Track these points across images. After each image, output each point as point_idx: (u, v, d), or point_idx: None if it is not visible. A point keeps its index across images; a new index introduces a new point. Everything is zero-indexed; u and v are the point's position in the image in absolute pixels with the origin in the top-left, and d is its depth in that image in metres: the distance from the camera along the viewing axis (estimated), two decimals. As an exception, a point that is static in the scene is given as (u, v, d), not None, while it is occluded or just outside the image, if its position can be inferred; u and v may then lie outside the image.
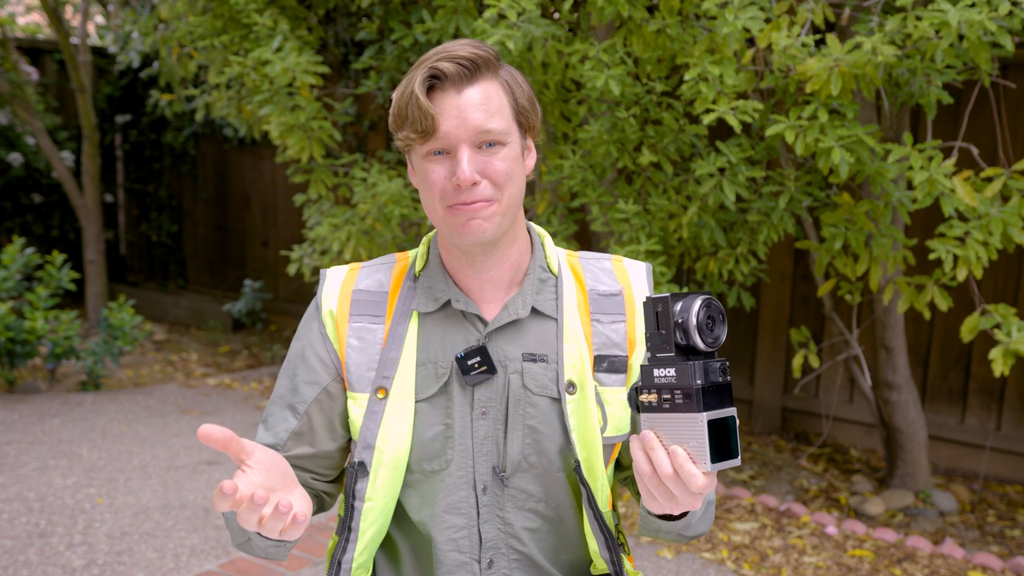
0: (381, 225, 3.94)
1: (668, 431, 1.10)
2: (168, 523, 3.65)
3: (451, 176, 1.28)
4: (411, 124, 1.27)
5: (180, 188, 7.79)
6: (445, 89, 1.27)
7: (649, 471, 1.11)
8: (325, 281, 1.43)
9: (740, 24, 2.90)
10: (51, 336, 5.34)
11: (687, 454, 1.08)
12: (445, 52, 1.28)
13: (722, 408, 1.09)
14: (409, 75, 1.30)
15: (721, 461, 1.08)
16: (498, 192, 1.29)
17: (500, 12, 3.14)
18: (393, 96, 1.32)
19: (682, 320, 1.10)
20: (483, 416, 1.35)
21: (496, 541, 1.38)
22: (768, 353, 4.88)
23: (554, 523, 1.40)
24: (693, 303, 1.10)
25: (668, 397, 1.10)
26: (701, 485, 1.08)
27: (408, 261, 1.44)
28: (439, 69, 1.26)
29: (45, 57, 7.75)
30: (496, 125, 1.28)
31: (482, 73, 1.29)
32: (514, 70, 1.35)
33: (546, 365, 1.36)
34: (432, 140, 1.28)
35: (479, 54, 1.28)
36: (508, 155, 1.30)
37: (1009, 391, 4.29)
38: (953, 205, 2.93)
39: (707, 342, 1.10)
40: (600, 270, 1.44)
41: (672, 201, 3.48)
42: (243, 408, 5.23)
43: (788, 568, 3.41)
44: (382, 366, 1.35)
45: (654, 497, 1.13)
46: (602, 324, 1.39)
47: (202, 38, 4.50)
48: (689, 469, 1.07)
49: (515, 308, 1.37)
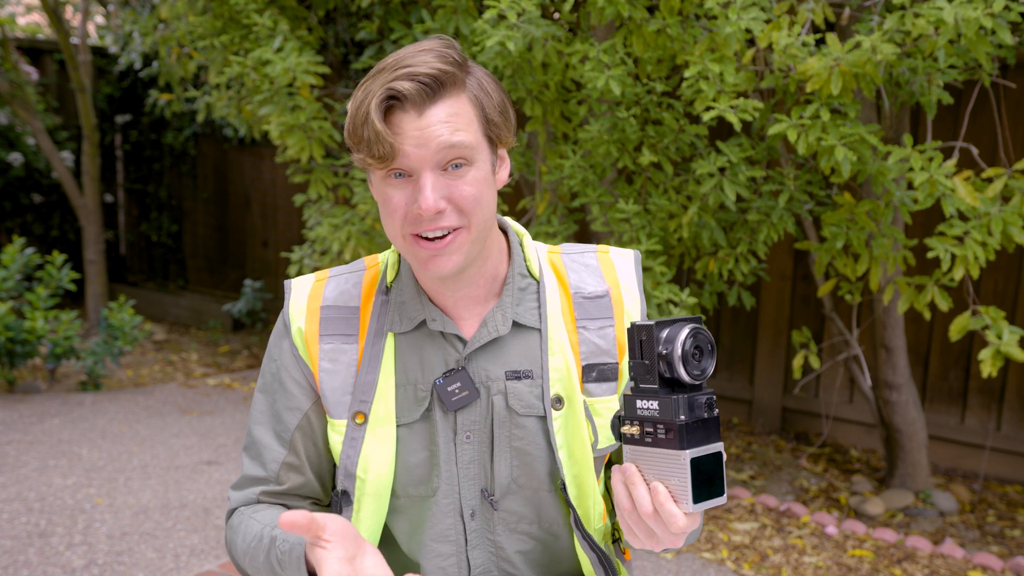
0: (381, 225, 3.94)
1: (650, 466, 1.05)
2: (168, 523, 3.65)
3: (412, 202, 1.17)
4: (367, 147, 1.15)
5: (180, 188, 7.79)
6: (405, 110, 1.15)
7: (629, 507, 1.06)
8: (291, 295, 1.34)
9: (742, 24, 2.90)
10: (51, 336, 5.34)
11: (668, 492, 1.03)
12: (405, 67, 1.14)
13: (708, 444, 1.03)
14: (365, 86, 1.17)
15: (704, 501, 1.03)
16: (464, 218, 1.18)
17: (500, 13, 3.14)
18: (348, 107, 1.19)
19: (666, 352, 1.04)
20: (467, 440, 1.29)
21: (487, 565, 1.33)
22: (768, 353, 4.88)
23: (547, 543, 1.35)
24: (679, 333, 1.04)
25: (651, 431, 1.04)
26: (681, 526, 1.03)
27: (379, 269, 1.34)
28: (397, 90, 1.13)
29: (45, 57, 7.75)
30: (462, 140, 1.16)
31: (446, 90, 1.16)
32: (484, 75, 1.22)
33: (531, 382, 1.28)
34: (391, 163, 1.16)
35: (443, 69, 1.15)
36: (476, 177, 1.18)
37: (1009, 391, 4.30)
38: (955, 205, 2.93)
39: (693, 375, 1.04)
40: (584, 267, 1.34)
41: (672, 201, 3.48)
42: (243, 408, 5.23)
43: (788, 568, 3.41)
44: (359, 390, 1.28)
45: (634, 534, 1.09)
46: (588, 331, 1.30)
47: (202, 38, 4.50)
48: (670, 509, 1.02)
49: (494, 325, 1.28)
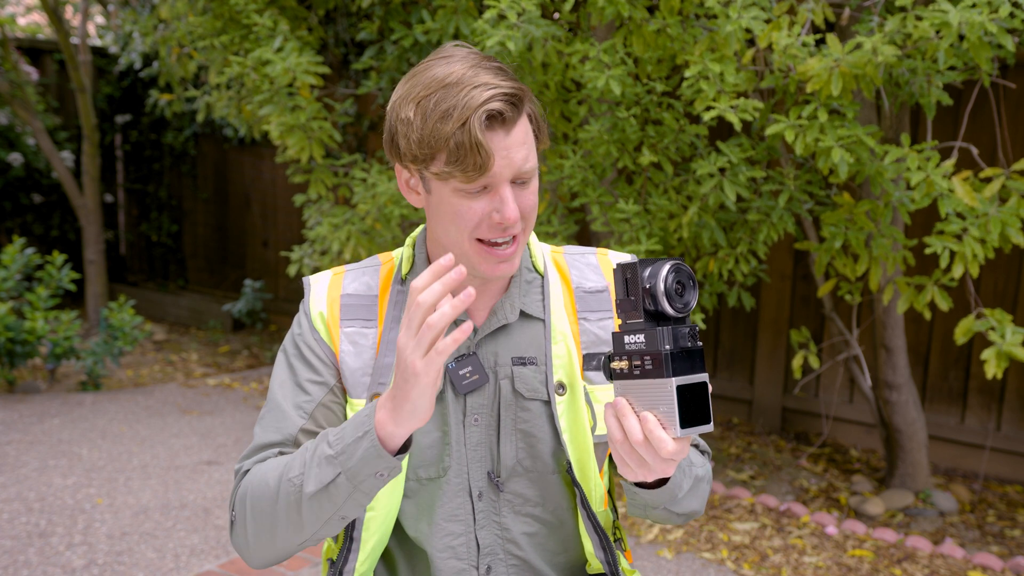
0: (381, 225, 3.95)
1: (639, 397, 1.10)
2: (168, 523, 3.65)
3: (489, 211, 1.25)
4: (459, 161, 1.20)
5: (180, 188, 7.79)
6: (494, 129, 1.21)
7: (621, 437, 1.11)
8: (310, 289, 1.40)
9: (743, 24, 2.91)
10: (51, 336, 5.34)
11: (657, 420, 1.08)
12: (493, 88, 1.20)
13: (693, 373, 1.08)
14: (437, 98, 1.21)
15: (692, 427, 1.07)
16: (525, 224, 1.29)
17: (500, 13, 3.14)
18: (413, 117, 1.22)
19: (650, 286, 1.09)
20: (475, 423, 1.34)
21: (493, 547, 1.37)
22: (768, 353, 4.88)
23: (552, 526, 1.39)
24: (661, 268, 1.09)
25: (638, 363, 1.09)
26: (671, 451, 1.07)
27: (394, 263, 1.41)
28: (496, 109, 1.20)
29: (45, 57, 7.75)
30: (532, 163, 1.26)
31: (520, 109, 1.24)
32: (530, 93, 1.29)
33: (536, 368, 1.35)
34: (479, 176, 1.23)
35: (517, 88, 1.23)
36: (535, 187, 1.29)
37: (1009, 391, 4.30)
38: (952, 206, 2.93)
39: (676, 307, 1.09)
40: (585, 265, 1.43)
41: (672, 201, 3.48)
42: (243, 408, 5.23)
43: (788, 568, 3.41)
44: (377, 372, 1.33)
45: (627, 464, 1.13)
46: (589, 322, 1.38)
47: (202, 38, 4.50)
48: (659, 435, 1.07)
49: (503, 313, 1.36)
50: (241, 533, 1.29)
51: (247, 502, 1.28)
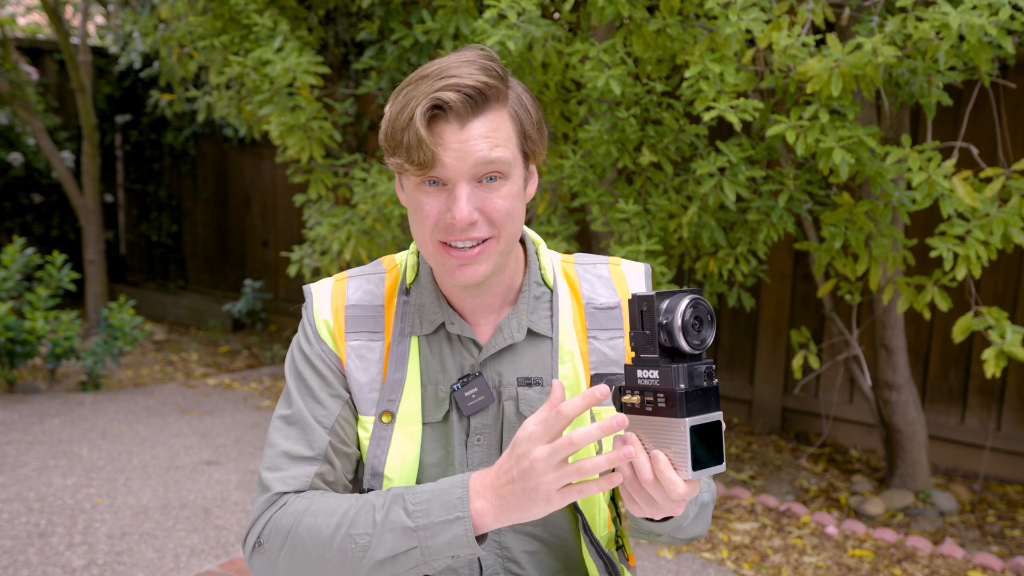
0: (381, 225, 3.94)
1: (650, 435, 1.06)
2: (168, 523, 3.65)
3: (446, 210, 1.20)
4: (407, 153, 1.17)
5: (180, 188, 7.79)
6: (448, 121, 1.17)
7: (630, 475, 1.07)
8: (313, 298, 1.35)
9: (742, 24, 2.90)
10: (51, 336, 5.34)
11: (668, 460, 1.04)
12: (451, 79, 1.16)
13: (707, 413, 1.05)
14: (406, 91, 1.19)
15: (704, 468, 1.04)
16: (495, 230, 1.22)
17: (500, 12, 3.14)
18: (387, 110, 1.21)
19: (667, 321, 1.05)
20: (478, 444, 1.32)
21: (495, 566, 1.34)
22: (768, 353, 4.88)
23: (553, 546, 1.36)
24: (679, 303, 1.05)
25: (651, 400, 1.06)
26: (681, 492, 1.04)
27: (398, 271, 1.37)
28: (442, 100, 1.16)
29: (45, 57, 7.75)
30: (500, 156, 1.18)
31: (489, 104, 1.18)
32: (523, 90, 1.25)
33: (541, 389, 1.31)
34: (429, 171, 1.18)
35: (488, 83, 1.17)
36: (509, 191, 1.21)
37: (1009, 391, 4.30)
38: (953, 206, 2.93)
39: (692, 344, 1.05)
40: (596, 278, 1.38)
41: (672, 201, 3.48)
42: (243, 408, 5.23)
43: (788, 568, 3.41)
44: (387, 388, 1.30)
45: (635, 502, 1.10)
46: (599, 341, 1.33)
47: (202, 38, 4.50)
48: (669, 476, 1.04)
49: (509, 331, 1.31)
50: (268, 562, 1.25)
51: (288, 540, 1.23)
